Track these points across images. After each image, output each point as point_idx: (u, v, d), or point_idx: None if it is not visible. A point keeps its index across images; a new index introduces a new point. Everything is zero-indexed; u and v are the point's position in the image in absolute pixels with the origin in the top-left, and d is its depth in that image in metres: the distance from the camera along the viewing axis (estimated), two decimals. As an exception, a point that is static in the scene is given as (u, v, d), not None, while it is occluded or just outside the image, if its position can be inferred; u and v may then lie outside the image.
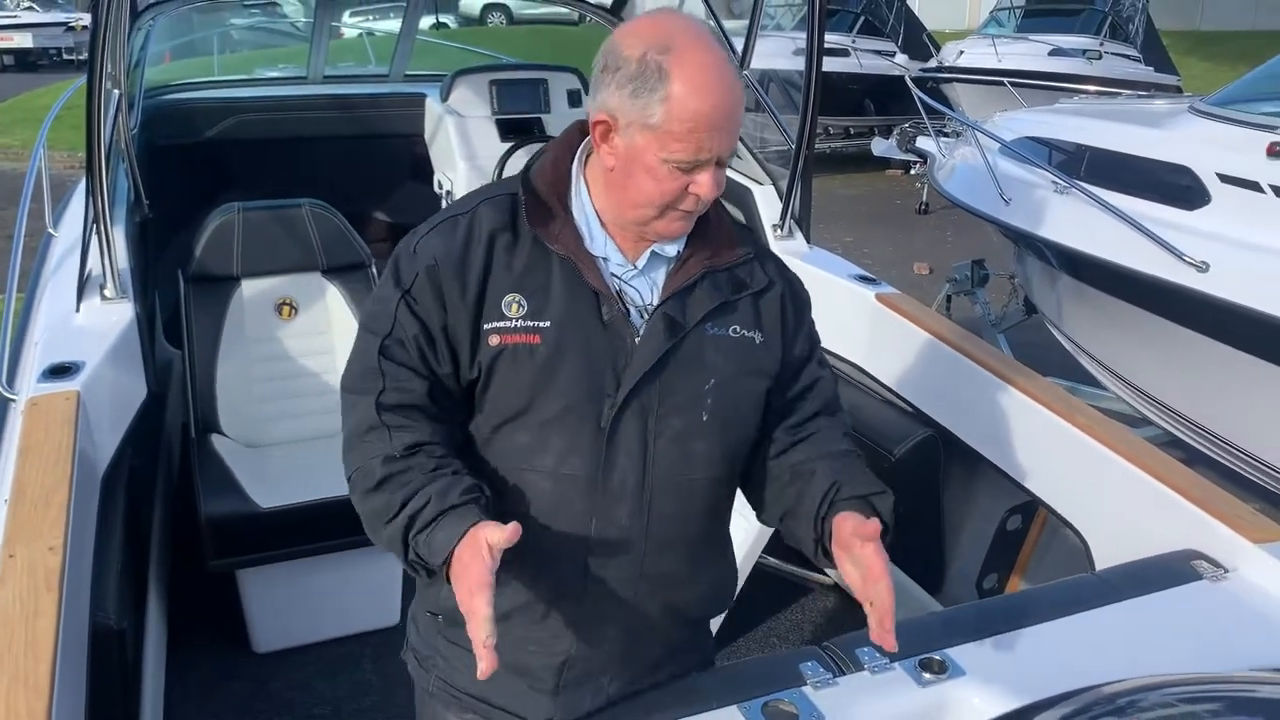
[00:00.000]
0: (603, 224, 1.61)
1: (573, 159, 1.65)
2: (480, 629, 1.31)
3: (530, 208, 1.58)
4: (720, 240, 1.66)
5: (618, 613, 1.64)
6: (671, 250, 1.62)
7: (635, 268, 1.61)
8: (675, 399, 1.58)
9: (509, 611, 1.60)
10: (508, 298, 1.55)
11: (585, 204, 1.62)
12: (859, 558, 1.49)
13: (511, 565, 1.49)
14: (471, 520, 1.41)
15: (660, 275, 1.62)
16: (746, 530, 3.17)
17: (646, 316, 1.59)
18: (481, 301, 1.55)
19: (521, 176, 1.64)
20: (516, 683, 1.68)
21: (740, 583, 3.21)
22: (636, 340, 1.56)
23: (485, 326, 1.54)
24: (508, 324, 1.54)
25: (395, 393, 1.54)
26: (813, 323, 1.78)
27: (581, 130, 1.64)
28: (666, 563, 1.64)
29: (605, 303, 1.56)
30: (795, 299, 1.72)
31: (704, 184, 1.51)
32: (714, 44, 1.50)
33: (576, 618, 1.63)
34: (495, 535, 1.37)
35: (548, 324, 1.54)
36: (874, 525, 1.50)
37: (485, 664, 1.30)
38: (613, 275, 1.60)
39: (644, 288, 1.61)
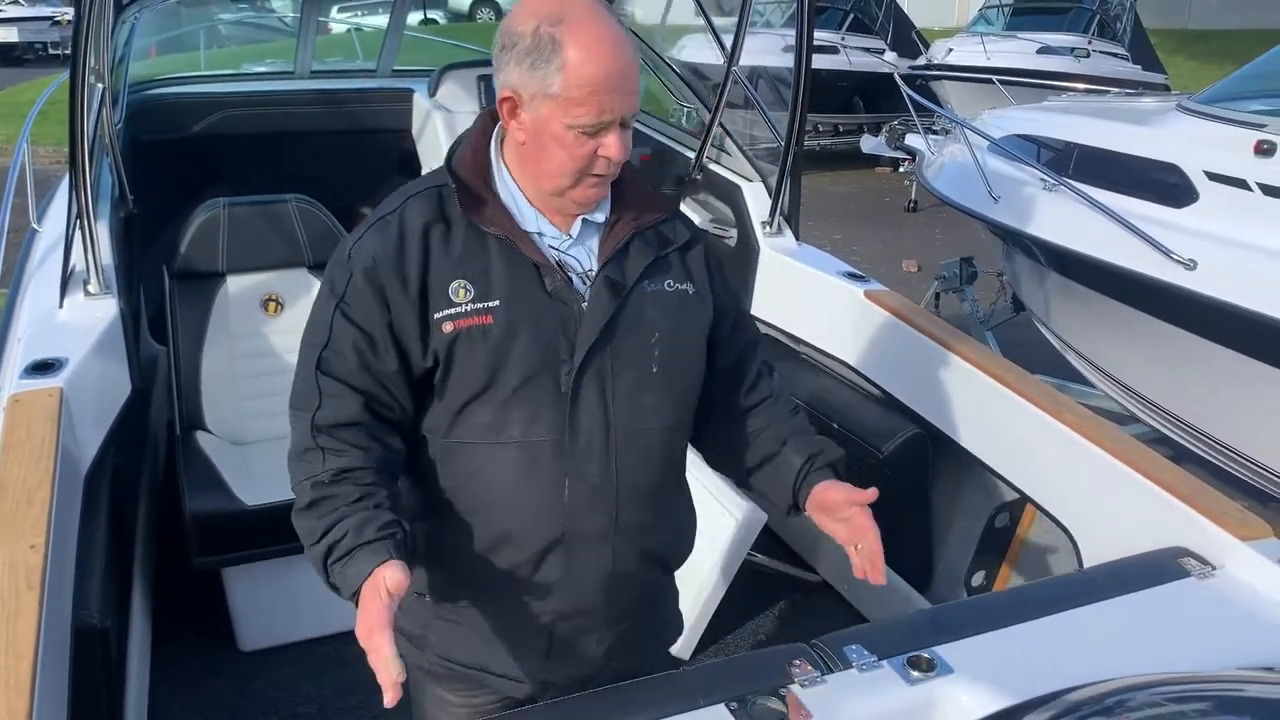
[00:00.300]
0: (530, 201, 1.68)
1: (489, 144, 1.71)
2: (387, 668, 1.37)
3: (460, 195, 1.64)
4: (642, 201, 1.74)
5: (597, 565, 1.71)
6: (600, 216, 1.70)
7: (570, 237, 1.69)
8: (625, 356, 1.67)
9: (495, 580, 1.69)
10: (453, 284, 1.60)
11: (509, 184, 1.68)
12: (848, 517, 1.72)
13: (493, 535, 1.66)
14: (381, 558, 1.48)
15: (594, 241, 1.70)
16: (734, 527, 3.17)
17: (589, 282, 1.66)
18: (426, 293, 1.60)
19: (445, 168, 1.69)
20: (510, 649, 1.76)
21: (729, 579, 3.23)
22: (583, 306, 1.64)
23: (435, 316, 1.60)
24: (458, 309, 1.59)
25: (330, 411, 1.60)
26: (731, 279, 1.91)
27: (493, 116, 1.70)
28: (637, 511, 1.72)
29: (547, 274, 1.63)
30: (714, 253, 1.84)
31: (611, 145, 1.58)
32: (604, 12, 1.57)
33: (560, 575, 1.69)
34: (394, 579, 1.45)
35: (496, 303, 1.60)
36: (869, 494, 1.70)
37: (390, 695, 1.37)
38: (550, 248, 1.67)
39: (581, 255, 1.69)
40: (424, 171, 4.73)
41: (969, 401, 2.92)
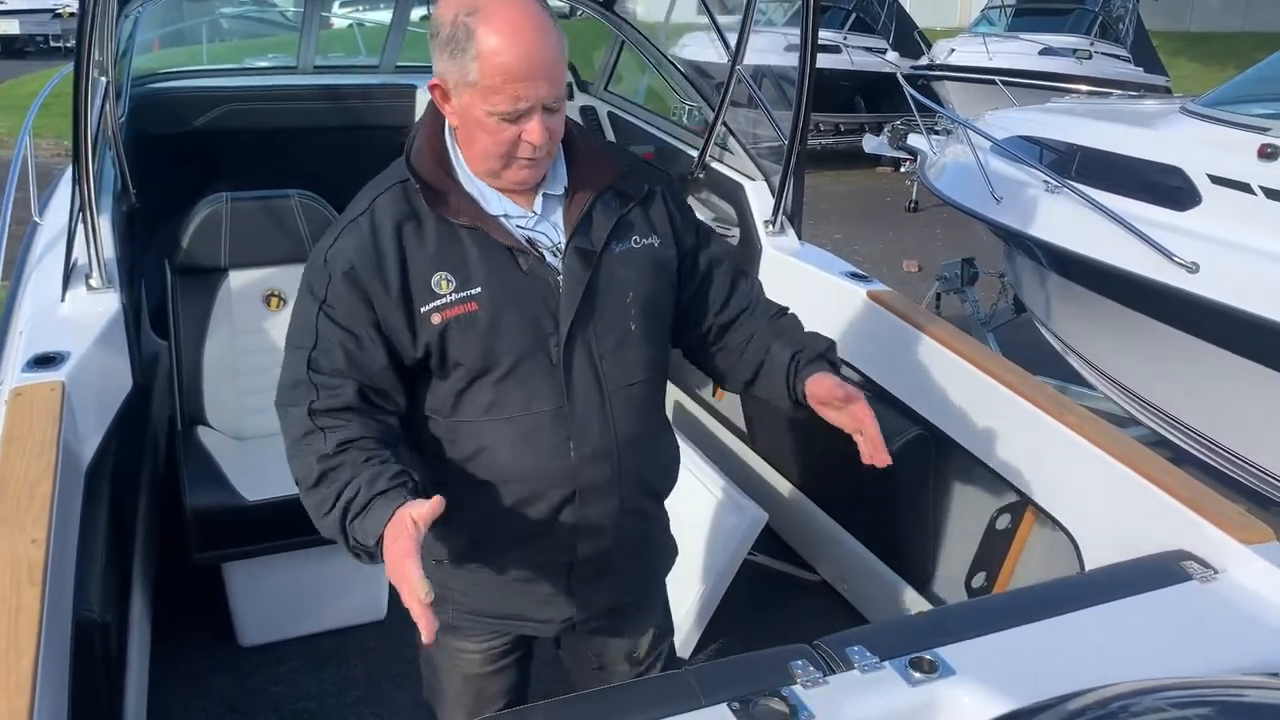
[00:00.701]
0: (488, 184, 1.72)
1: (444, 131, 1.75)
2: (417, 588, 1.42)
3: (424, 192, 1.69)
4: (596, 165, 1.80)
5: (607, 510, 1.83)
6: (558, 189, 1.76)
7: (534, 214, 1.74)
8: (607, 319, 1.76)
9: (514, 539, 1.81)
10: (435, 277, 1.66)
11: (466, 170, 1.73)
12: (845, 407, 1.85)
13: (509, 501, 1.76)
14: (398, 502, 1.54)
15: (558, 214, 1.76)
16: (735, 526, 3.17)
17: (560, 255, 1.73)
18: (408, 289, 1.66)
19: (404, 164, 1.74)
20: (533, 592, 1.89)
21: (729, 579, 3.23)
22: (559, 279, 1.72)
23: (422, 309, 1.66)
24: (444, 300, 1.66)
25: (327, 398, 1.67)
26: (691, 209, 1.99)
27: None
28: (635, 457, 1.83)
29: (520, 255, 1.70)
30: (673, 196, 1.91)
31: (533, 131, 1.61)
32: (521, 1, 1.59)
33: (574, 524, 1.81)
34: (419, 510, 1.50)
35: (479, 290, 1.67)
36: (856, 394, 1.85)
37: (425, 624, 1.43)
38: (518, 228, 1.72)
39: (548, 230, 1.75)
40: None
41: (971, 403, 2.91)
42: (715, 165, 4.19)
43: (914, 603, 3.19)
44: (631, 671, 2.13)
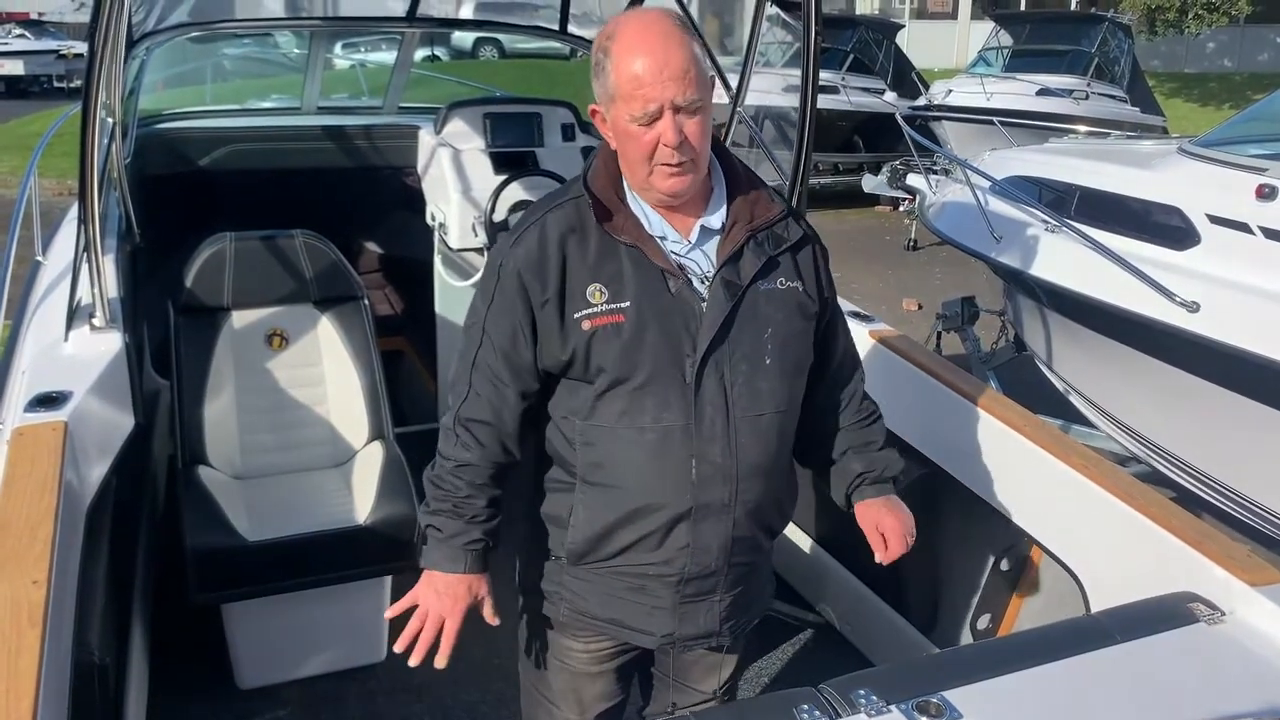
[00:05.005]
0: (653, 208, 1.88)
1: (616, 158, 1.90)
2: (442, 637, 1.89)
3: (595, 207, 1.84)
4: (756, 203, 1.93)
5: (720, 533, 1.92)
6: (716, 223, 1.90)
7: (690, 242, 1.89)
8: (742, 349, 1.87)
9: (630, 545, 1.92)
10: (590, 287, 1.82)
11: (632, 193, 1.89)
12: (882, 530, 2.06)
13: (630, 507, 1.88)
14: (456, 566, 1.91)
15: (712, 246, 1.90)
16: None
17: (707, 283, 1.87)
18: (564, 294, 1.82)
19: (582, 182, 1.90)
20: (642, 603, 1.99)
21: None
22: (703, 305, 1.85)
23: (574, 315, 1.82)
24: (595, 309, 1.82)
25: (471, 406, 1.90)
26: (830, 272, 2.10)
27: None
28: (753, 486, 1.92)
29: (671, 278, 1.84)
30: (822, 250, 2.05)
31: (666, 131, 1.75)
32: (654, 16, 1.79)
33: (687, 541, 1.91)
34: (487, 603, 1.96)
35: (628, 304, 1.82)
36: (894, 540, 2.07)
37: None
38: (672, 252, 1.87)
39: (700, 259, 1.89)
40: (428, 208, 4.79)
41: (975, 443, 2.91)
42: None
43: (918, 645, 3.16)
44: (706, 696, 2.24)
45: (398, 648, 1.87)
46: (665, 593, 1.98)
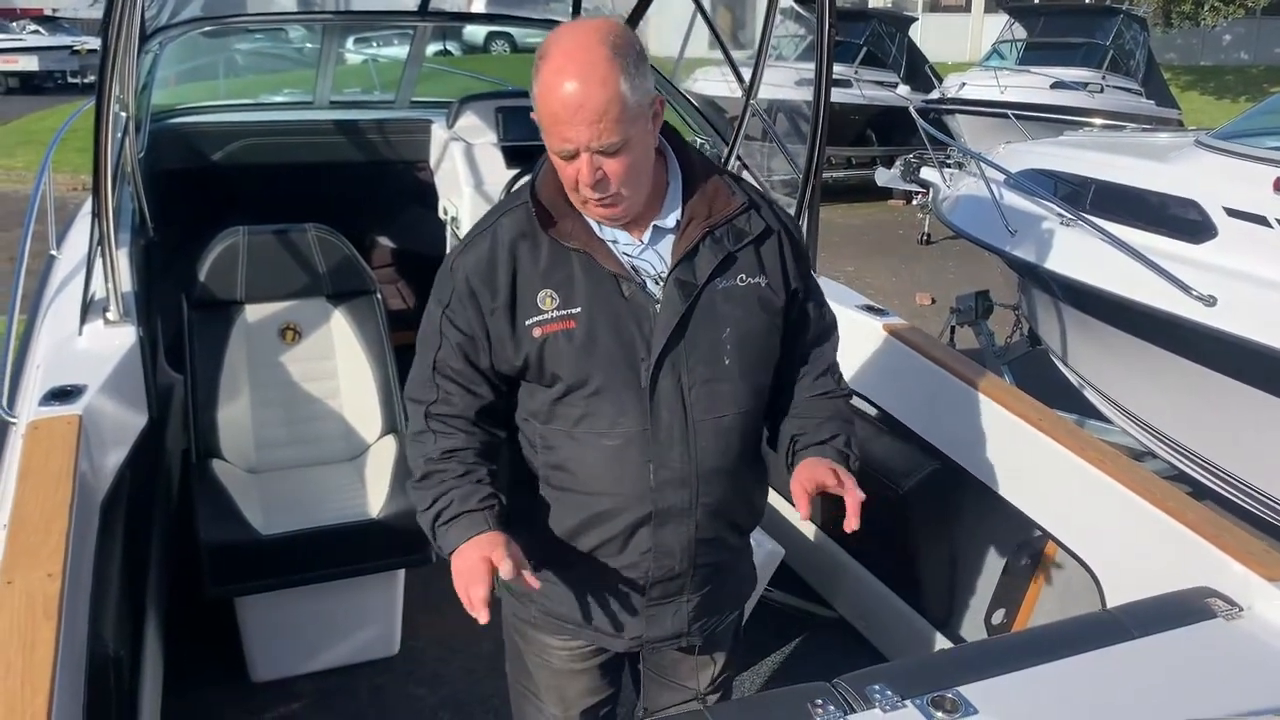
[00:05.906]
0: None
1: None
2: (477, 606, 1.66)
3: (540, 215, 1.78)
4: (714, 199, 1.84)
5: (682, 536, 1.89)
6: (671, 221, 1.83)
7: (642, 243, 1.82)
8: (699, 351, 1.81)
9: (593, 550, 1.89)
10: (540, 294, 1.77)
11: None
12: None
13: (589, 513, 1.86)
14: (479, 527, 1.75)
15: (667, 245, 1.83)
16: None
17: (661, 284, 1.80)
18: (515, 301, 1.78)
19: (529, 188, 1.83)
20: (609, 607, 1.96)
21: (745, 615, 3.19)
22: (657, 307, 1.79)
23: (526, 322, 1.78)
24: (546, 316, 1.77)
25: (443, 404, 1.84)
26: (809, 263, 2.02)
27: None
28: (714, 488, 1.88)
29: (624, 281, 1.78)
30: (792, 242, 1.94)
31: (583, 170, 1.68)
32: (581, 42, 1.65)
33: (649, 546, 1.88)
34: (499, 554, 1.70)
35: (579, 309, 1.77)
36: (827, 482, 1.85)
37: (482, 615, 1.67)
38: (625, 254, 1.81)
39: (654, 260, 1.82)
40: (441, 202, 4.79)
41: (989, 437, 2.89)
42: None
43: (933, 640, 3.15)
44: (696, 693, 2.19)
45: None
46: (630, 597, 1.95)
